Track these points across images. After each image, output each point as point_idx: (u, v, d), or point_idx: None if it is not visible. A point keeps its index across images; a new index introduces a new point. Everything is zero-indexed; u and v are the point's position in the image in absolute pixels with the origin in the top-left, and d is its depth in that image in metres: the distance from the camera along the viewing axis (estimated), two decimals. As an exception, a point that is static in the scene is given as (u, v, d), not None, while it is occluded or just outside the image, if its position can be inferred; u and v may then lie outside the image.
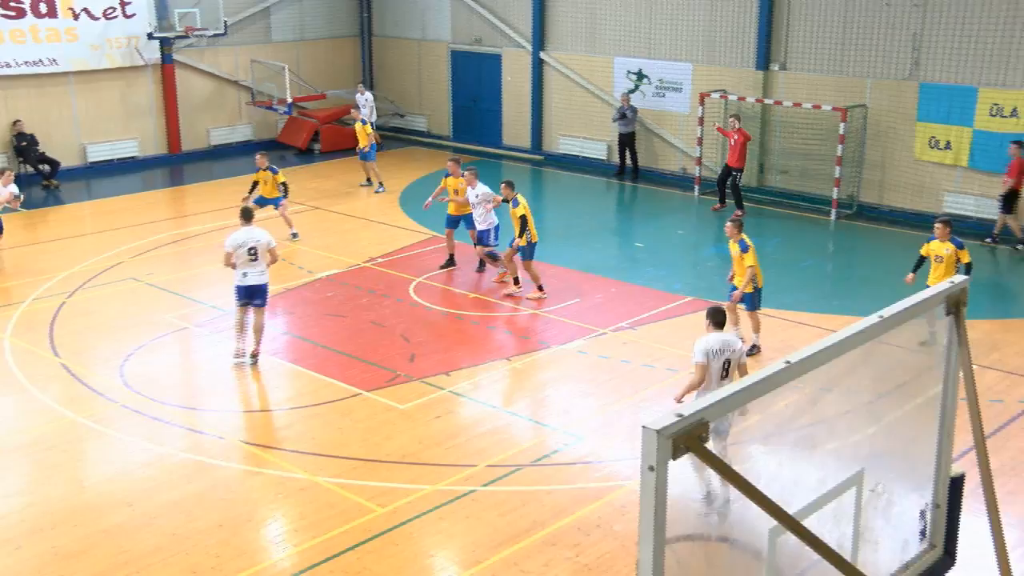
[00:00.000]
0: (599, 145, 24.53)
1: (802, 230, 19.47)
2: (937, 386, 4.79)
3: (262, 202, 18.01)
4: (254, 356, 12.89)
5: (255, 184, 18.20)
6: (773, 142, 21.72)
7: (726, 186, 20.55)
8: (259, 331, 12.91)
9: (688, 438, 3.26)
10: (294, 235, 18.19)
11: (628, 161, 23.44)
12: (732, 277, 13.20)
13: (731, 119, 20.38)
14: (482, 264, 16.35)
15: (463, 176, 16.13)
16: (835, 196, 20.02)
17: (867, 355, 4.47)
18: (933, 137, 19.33)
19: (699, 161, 21.86)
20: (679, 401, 9.32)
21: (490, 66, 26.32)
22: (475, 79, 26.78)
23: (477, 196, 15.74)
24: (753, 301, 13.03)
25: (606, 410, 11.72)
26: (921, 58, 19.32)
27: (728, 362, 9.17)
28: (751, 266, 12.81)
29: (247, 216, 12.99)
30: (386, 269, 16.73)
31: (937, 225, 12.94)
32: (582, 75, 24.47)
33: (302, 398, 11.96)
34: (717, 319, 9.38)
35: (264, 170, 18.05)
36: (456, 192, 16.48)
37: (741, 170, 20.20)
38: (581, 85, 24.52)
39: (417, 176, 23.82)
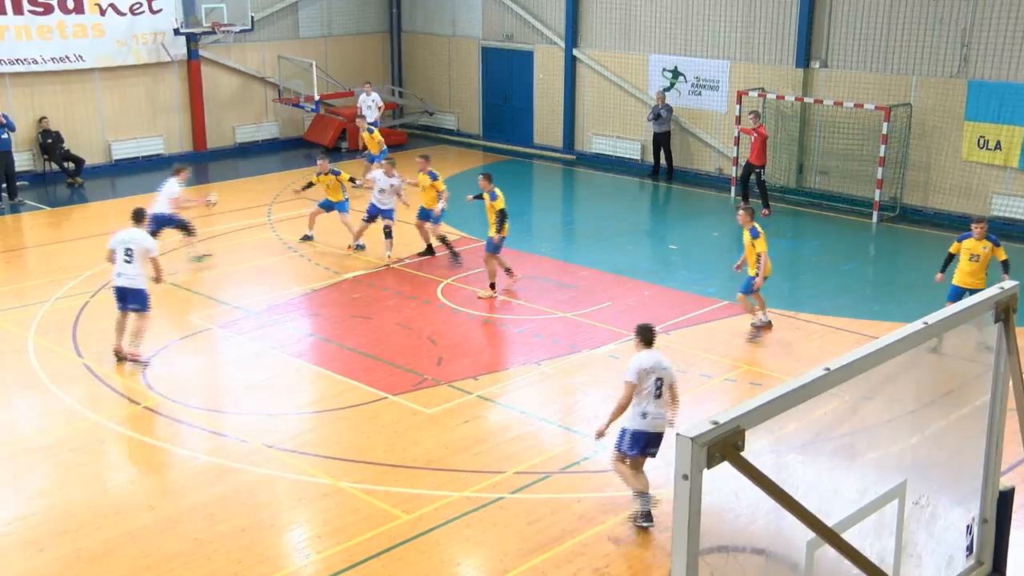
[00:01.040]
0: (633, 145, 24.46)
1: (842, 233, 19.30)
2: (985, 396, 4.72)
3: (327, 206, 18.00)
4: (118, 354, 12.92)
5: (310, 184, 18.29)
6: (813, 142, 21.56)
7: (748, 183, 20.57)
8: (133, 334, 12.92)
9: (723, 446, 3.23)
10: (359, 246, 17.71)
11: (663, 161, 23.38)
12: (740, 265, 13.95)
13: (750, 115, 20.36)
14: (429, 249, 17.32)
15: (420, 170, 17.17)
16: (877, 198, 19.85)
17: (911, 363, 4.41)
18: (982, 137, 19.12)
19: (735, 161, 21.74)
20: (603, 430, 9.36)
21: (521, 63, 26.33)
22: (506, 76, 26.80)
23: (391, 185, 17.13)
24: (751, 285, 13.64)
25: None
26: (970, 54, 19.10)
27: (660, 380, 9.26)
28: (761, 252, 13.42)
29: (137, 217, 13.04)
30: (413, 270, 16.76)
31: (978, 225, 12.90)
32: (616, 73, 24.42)
33: (327, 401, 12.00)
34: (647, 337, 9.45)
35: (326, 174, 17.95)
36: (420, 185, 17.25)
37: (763, 167, 20.26)
38: (615, 83, 24.46)
39: (446, 176, 23.84)
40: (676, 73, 23.32)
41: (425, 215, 17.32)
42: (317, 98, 25.72)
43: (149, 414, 11.69)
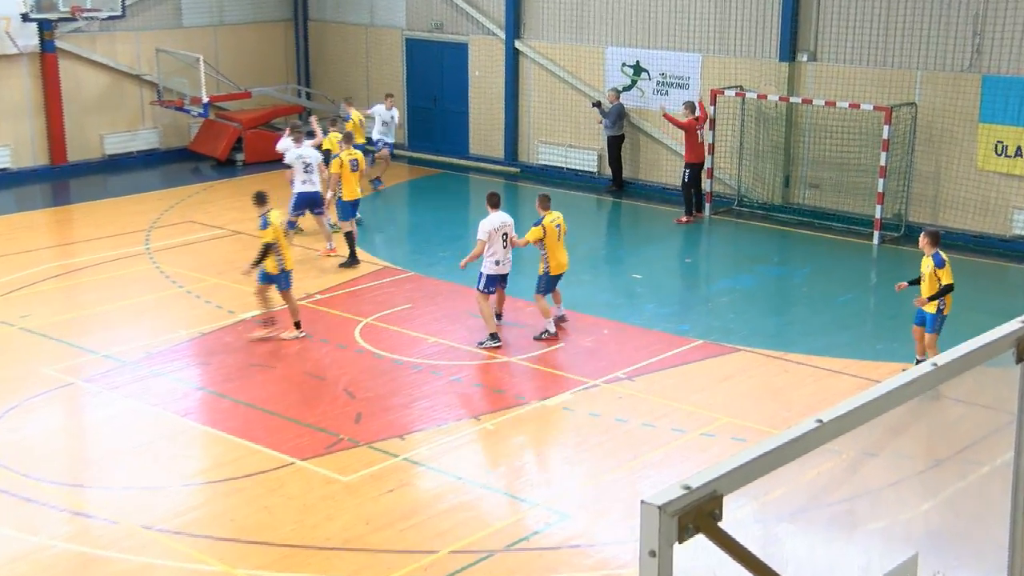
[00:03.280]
0: (588, 155, 24.66)
1: (838, 257, 19.59)
2: (1008, 452, 4.77)
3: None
4: None
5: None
6: (801, 149, 21.91)
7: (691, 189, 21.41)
8: None
9: (698, 516, 3.22)
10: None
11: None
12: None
13: (684, 106, 21.17)
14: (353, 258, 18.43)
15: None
16: (878, 215, 20.17)
17: (920, 412, 4.45)
18: (1000, 142, 19.53)
19: (711, 173, 22.00)
20: (463, 265, 15.22)
21: (454, 58, 26.46)
22: (436, 74, 26.90)
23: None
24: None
25: (598, 481, 11.66)
26: (984, 45, 19.57)
27: (506, 235, 14.99)
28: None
29: None
30: (327, 308, 16.67)
31: (922, 235, 13.58)
32: (567, 69, 24.63)
33: (219, 470, 11.84)
34: (493, 202, 15.28)
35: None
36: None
37: (697, 165, 21.16)
38: (566, 81, 24.68)
39: (365, 194, 23.80)
40: (638, 69, 23.59)
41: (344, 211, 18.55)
42: (206, 100, 25.58)
43: (-3, 490, 11.42)
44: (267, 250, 15.01)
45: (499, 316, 15.83)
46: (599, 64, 24.13)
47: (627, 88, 23.67)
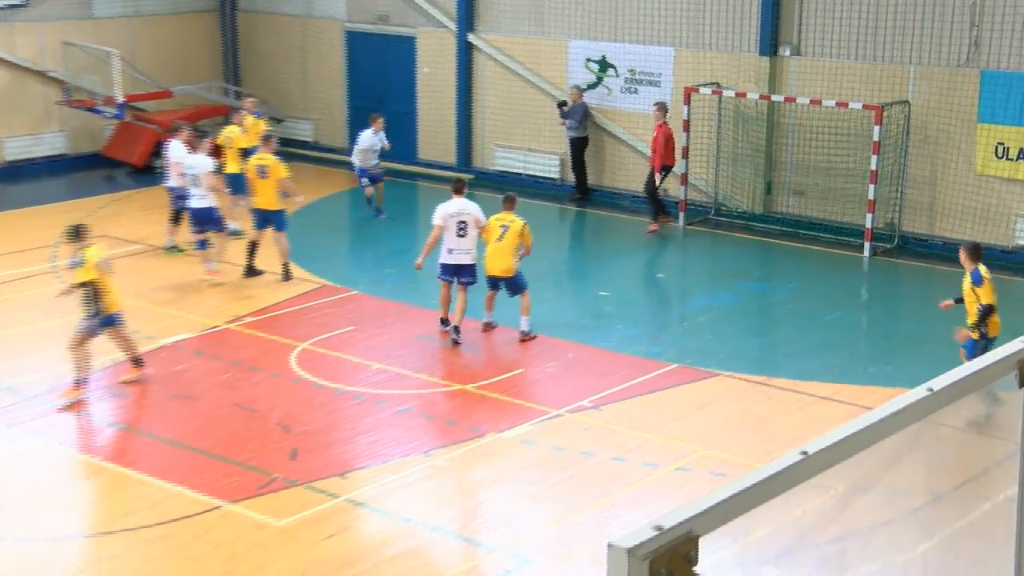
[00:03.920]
0: (549, 160, 24.72)
1: (825, 271, 19.73)
2: (1012, 486, 4.81)
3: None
4: None
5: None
6: (784, 153, 22.07)
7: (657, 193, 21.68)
8: None
9: (671, 559, 3.22)
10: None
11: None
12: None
13: (655, 107, 21.45)
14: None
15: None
16: (869, 224, 20.33)
17: (915, 442, 4.49)
18: (1001, 143, 19.73)
19: (684, 179, 22.11)
20: (418, 264, 16.18)
21: (400, 53, 26.47)
22: (380, 71, 26.90)
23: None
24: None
25: (562, 522, 11.65)
26: (983, 37, 19.80)
27: (463, 223, 15.69)
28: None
29: None
30: (258, 331, 16.59)
31: (960, 250, 13.47)
32: (526, 65, 24.70)
33: (137, 516, 11.70)
34: (455, 187, 16.20)
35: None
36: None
37: (664, 169, 21.50)
38: (525, 79, 24.74)
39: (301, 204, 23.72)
40: (604, 64, 23.71)
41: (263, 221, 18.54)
42: (121, 100, 25.44)
43: None
44: (90, 292, 14.11)
45: (456, 330, 15.99)
46: (561, 59, 24.21)
47: (592, 86, 23.76)
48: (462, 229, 15.76)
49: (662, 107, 21.49)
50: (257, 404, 14.26)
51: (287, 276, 18.47)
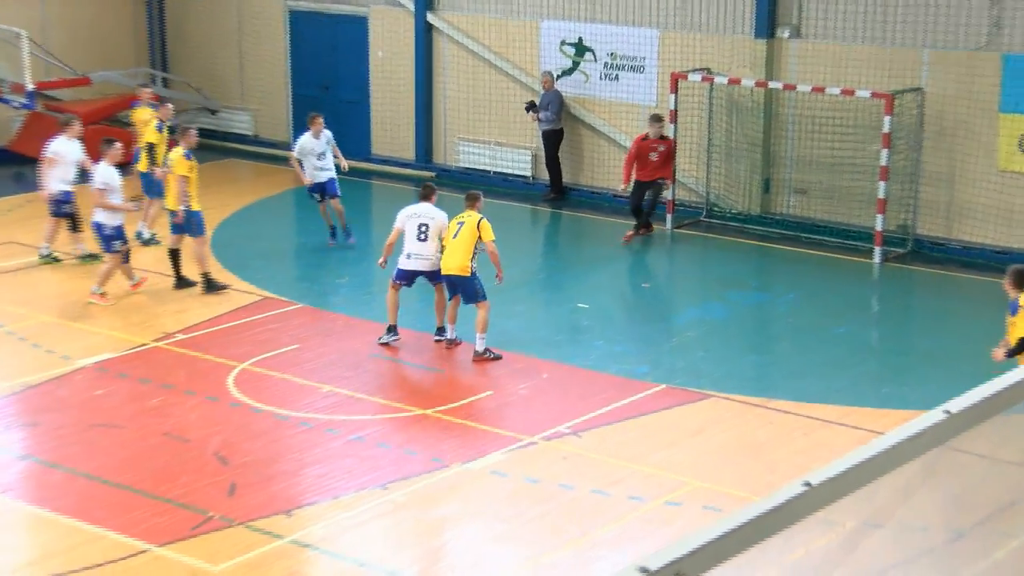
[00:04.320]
0: (520, 155, 24.75)
1: (831, 280, 19.81)
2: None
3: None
4: None
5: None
6: (784, 146, 22.14)
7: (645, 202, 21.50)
8: None
9: (660, 604, 3.24)
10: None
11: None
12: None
13: (655, 123, 21.20)
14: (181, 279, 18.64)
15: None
16: (879, 227, 20.38)
17: (931, 471, 4.50)
18: (1024, 136, 19.88)
19: (672, 178, 22.15)
20: (381, 263, 16.68)
21: (351, 35, 26.46)
22: (327, 55, 26.87)
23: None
24: None
25: (537, 563, 11.63)
26: (1005, 17, 19.92)
27: (425, 226, 16.09)
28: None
29: None
30: (191, 350, 16.52)
31: (1007, 275, 13.32)
32: (493, 49, 24.72)
33: (49, 561, 11.62)
34: (423, 193, 16.74)
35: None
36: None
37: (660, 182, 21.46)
38: (492, 64, 24.77)
39: (240, 205, 23.67)
40: (581, 48, 23.75)
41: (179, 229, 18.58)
42: (31, 88, 25.34)
43: None
44: None
45: (440, 330, 16.44)
46: (533, 42, 24.25)
47: (568, 72, 23.81)
48: (423, 232, 16.09)
49: (657, 119, 21.40)
50: (190, 433, 14.19)
51: (211, 287, 18.39)
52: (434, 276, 16.28)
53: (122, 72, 27.60)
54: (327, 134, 21.02)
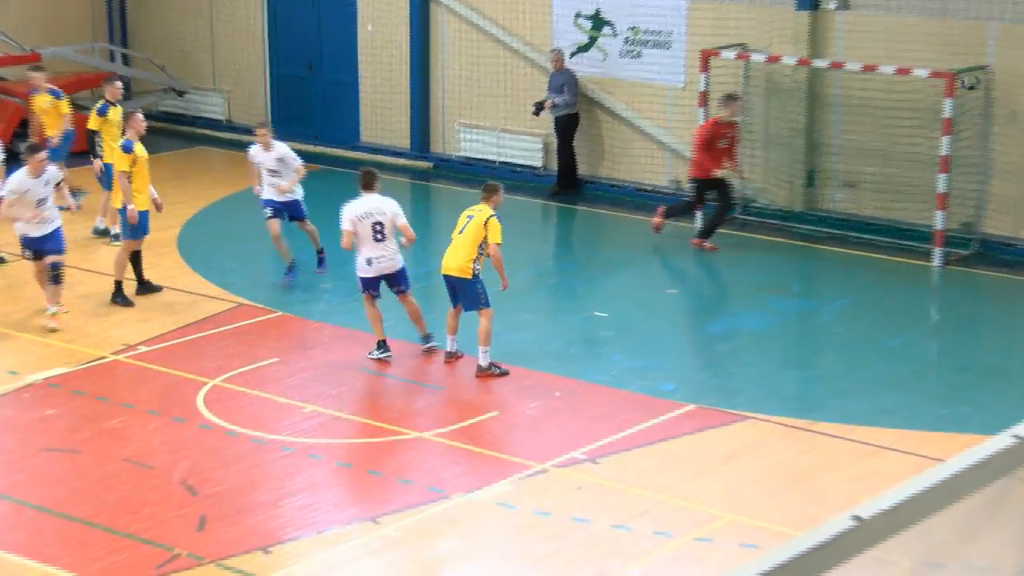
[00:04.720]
0: (530, 143, 24.76)
1: (885, 285, 19.79)
2: None
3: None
4: None
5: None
6: (830, 134, 22.11)
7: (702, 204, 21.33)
8: None
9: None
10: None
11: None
12: None
13: (731, 100, 20.84)
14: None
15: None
16: (939, 226, 20.37)
17: (1000, 504, 4.47)
18: (1105, 121, 19.87)
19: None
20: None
21: (337, 7, 26.49)
22: (311, 30, 26.92)
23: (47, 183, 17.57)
24: None
25: (550, 609, 11.62)
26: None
27: (379, 224, 16.17)
28: None
29: None
30: (156, 364, 16.52)
31: None
32: (499, 23, 24.73)
33: (-1, 602, 11.68)
34: (364, 182, 16.65)
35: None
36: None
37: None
38: (497, 39, 24.77)
39: (210, 199, 23.68)
40: (599, 21, 23.74)
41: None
42: (-23, 68, 25.41)
43: None
44: None
45: (426, 338, 16.48)
46: (545, 15, 24.27)
47: (584, 48, 23.79)
48: (379, 232, 16.18)
49: (734, 97, 21.18)
50: (154, 458, 14.19)
51: (120, 298, 18.26)
52: (395, 280, 16.34)
53: (76, 48, 27.61)
54: (280, 148, 19.48)
